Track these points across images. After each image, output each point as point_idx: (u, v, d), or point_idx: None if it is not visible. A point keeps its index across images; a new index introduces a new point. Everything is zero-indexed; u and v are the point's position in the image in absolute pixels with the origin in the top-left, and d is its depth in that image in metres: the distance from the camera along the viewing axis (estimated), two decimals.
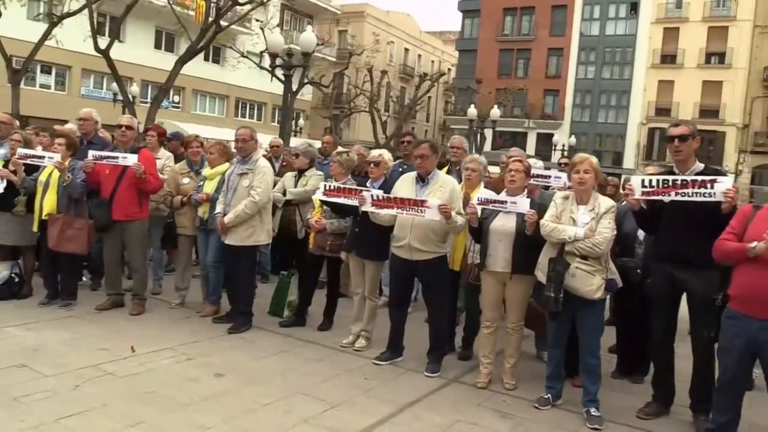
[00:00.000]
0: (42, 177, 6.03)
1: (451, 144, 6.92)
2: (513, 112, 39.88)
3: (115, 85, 26.30)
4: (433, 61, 51.38)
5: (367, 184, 5.54)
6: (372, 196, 5.08)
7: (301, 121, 37.58)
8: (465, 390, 4.83)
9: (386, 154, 5.73)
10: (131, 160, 5.83)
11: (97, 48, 17.27)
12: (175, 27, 30.33)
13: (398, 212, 4.97)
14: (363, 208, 5.12)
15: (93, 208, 6.07)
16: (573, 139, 33.93)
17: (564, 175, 5.83)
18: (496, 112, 26.18)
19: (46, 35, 19.31)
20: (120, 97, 25.97)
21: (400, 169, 7.06)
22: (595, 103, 39.29)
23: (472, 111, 24.82)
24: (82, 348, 4.97)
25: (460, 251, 5.45)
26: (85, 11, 19.98)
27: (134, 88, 26.75)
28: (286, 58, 14.07)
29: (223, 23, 18.50)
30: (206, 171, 6.21)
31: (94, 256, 6.64)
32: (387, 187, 5.39)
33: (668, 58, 36.95)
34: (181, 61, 17.54)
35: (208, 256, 6.12)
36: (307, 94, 41.33)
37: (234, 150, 6.12)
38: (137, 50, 29.77)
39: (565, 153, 35.16)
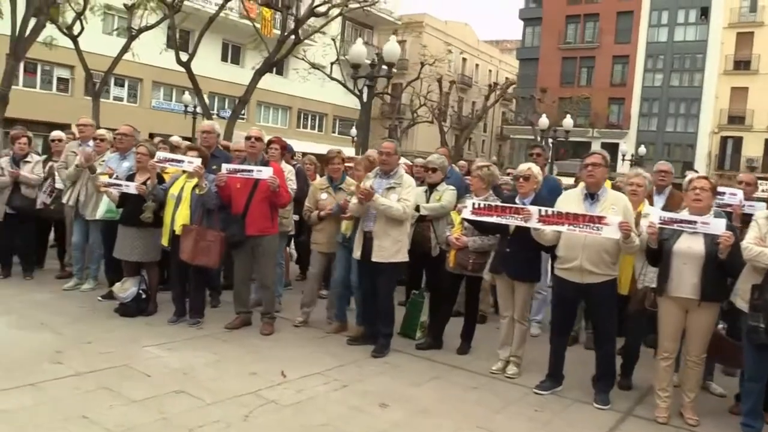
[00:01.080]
0: (174, 190, 5.86)
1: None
2: (576, 121, 38.86)
3: (186, 96, 26.89)
4: (490, 71, 50.77)
5: (516, 201, 5.16)
6: (540, 211, 4.70)
7: (351, 130, 37.48)
8: (646, 425, 4.41)
9: (535, 168, 5.34)
10: (266, 173, 5.60)
11: (179, 61, 17.43)
12: (242, 40, 31.14)
13: (569, 229, 4.57)
14: (528, 225, 4.74)
15: (223, 224, 5.88)
16: (643, 149, 32.82)
17: (740, 193, 5.35)
18: (569, 122, 25.45)
19: (125, 49, 19.70)
20: (190, 108, 26.61)
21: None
22: (663, 112, 37.97)
23: (544, 121, 24.16)
24: (231, 371, 4.73)
25: (628, 273, 5.00)
26: (161, 24, 20.38)
27: (186, 97, 27.14)
28: (364, 69, 13.90)
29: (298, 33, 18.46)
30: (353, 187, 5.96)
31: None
32: (541, 203, 5.01)
33: (742, 64, 35.46)
34: (259, 73, 17.59)
35: (354, 276, 5.85)
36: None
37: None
38: (204, 63, 30.18)
39: (632, 163, 34.38)
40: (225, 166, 5.69)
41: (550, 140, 27.39)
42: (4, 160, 7.24)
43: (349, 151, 9.11)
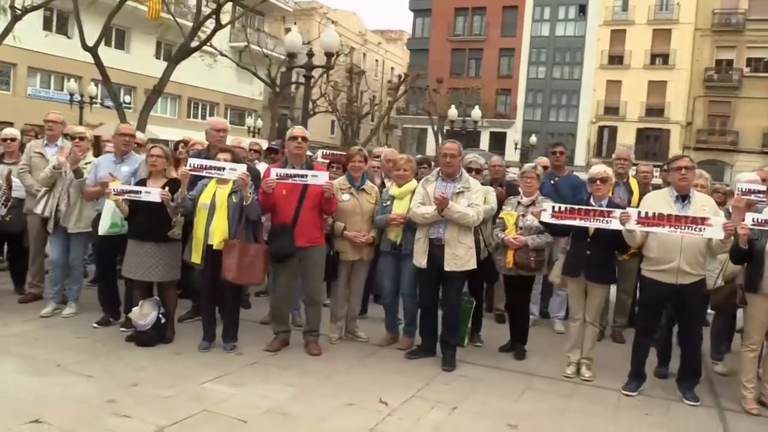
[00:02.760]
0: (205, 199, 5.08)
1: (619, 156, 6.57)
2: (467, 112, 40.08)
3: (72, 84, 24.39)
4: (377, 60, 50.92)
5: (593, 203, 5.04)
6: (639, 213, 4.59)
7: (259, 122, 36.17)
8: (746, 418, 4.49)
9: (610, 170, 5.25)
10: (322, 178, 5.03)
11: (84, 46, 15.59)
12: (129, 24, 28.66)
13: (670, 230, 4.51)
14: (627, 227, 4.62)
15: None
16: (534, 138, 34.49)
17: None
18: (453, 112, 25.98)
19: (8, 31, 17.33)
20: (77, 98, 24.10)
21: (552, 181, 6.64)
22: (547, 102, 40.14)
23: (453, 111, 24.57)
24: (323, 405, 4.18)
25: None
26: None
27: (71, 85, 24.75)
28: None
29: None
30: (394, 189, 5.50)
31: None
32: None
33: (616, 59, 38.23)
34: (175, 61, 16.18)
35: (404, 284, 5.42)
36: (258, 93, 40.01)
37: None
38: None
39: (517, 150, 36.16)
40: (274, 171, 5.02)
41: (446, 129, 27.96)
42: None
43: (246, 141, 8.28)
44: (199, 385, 4.39)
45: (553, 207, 4.93)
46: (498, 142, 39.78)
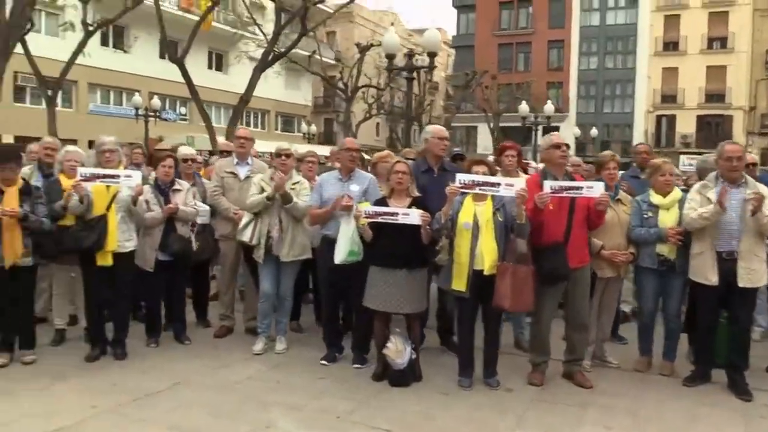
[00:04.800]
0: (465, 218, 4.52)
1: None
2: (517, 107, 39.28)
3: (137, 98, 24.12)
4: (418, 60, 50.27)
5: None
6: None
7: (313, 127, 35.80)
8: None
9: None
10: (597, 189, 4.46)
11: (172, 59, 15.27)
12: (181, 35, 28.40)
13: None
14: None
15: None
16: (595, 131, 33.61)
17: None
18: (525, 107, 25.25)
19: (82, 46, 17.10)
20: (141, 112, 23.87)
21: None
22: (600, 94, 39.16)
23: (524, 107, 23.83)
24: None
25: None
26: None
27: (137, 99, 24.47)
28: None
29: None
30: (656, 198, 4.91)
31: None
32: None
33: (671, 46, 37.14)
34: (260, 69, 15.81)
35: (671, 305, 4.95)
36: (307, 99, 39.76)
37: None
38: (144, 61, 27.42)
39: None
40: (548, 184, 4.45)
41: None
42: (147, 189, 5.46)
43: (302, 148, 8.05)
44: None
45: None
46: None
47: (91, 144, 24.54)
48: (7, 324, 4.96)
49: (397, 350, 4.62)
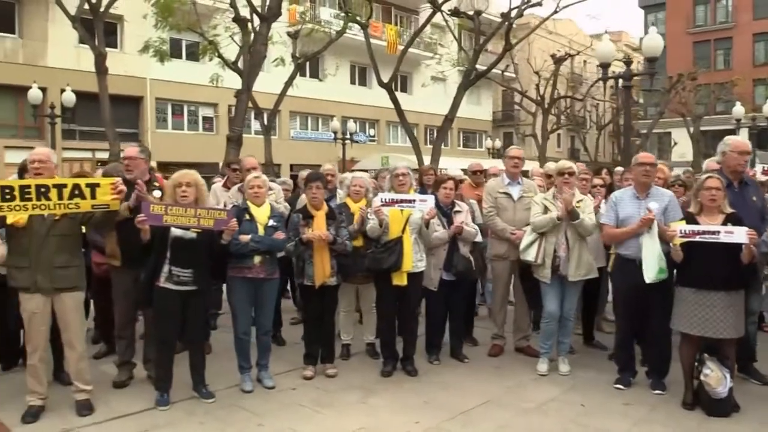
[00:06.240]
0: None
1: None
2: (716, 109, 35.88)
3: (335, 123, 25.71)
4: (598, 66, 48.05)
5: None
6: None
7: (497, 142, 35.65)
8: None
9: None
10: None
11: (380, 83, 16.09)
12: (368, 60, 29.86)
13: None
14: None
15: None
16: None
17: None
18: (739, 109, 22.83)
19: (293, 77, 18.51)
20: (339, 136, 25.37)
21: None
22: None
23: (739, 109, 21.65)
24: None
25: None
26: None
27: (335, 124, 25.89)
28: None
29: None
30: None
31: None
32: None
33: None
34: (465, 87, 16.06)
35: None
36: (488, 114, 39.72)
37: None
38: (336, 87, 29.20)
39: None
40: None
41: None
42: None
43: (487, 164, 8.40)
44: None
45: None
46: (759, 139, 34.87)
47: (292, 167, 26.32)
48: (313, 339, 5.41)
49: (718, 378, 4.31)
